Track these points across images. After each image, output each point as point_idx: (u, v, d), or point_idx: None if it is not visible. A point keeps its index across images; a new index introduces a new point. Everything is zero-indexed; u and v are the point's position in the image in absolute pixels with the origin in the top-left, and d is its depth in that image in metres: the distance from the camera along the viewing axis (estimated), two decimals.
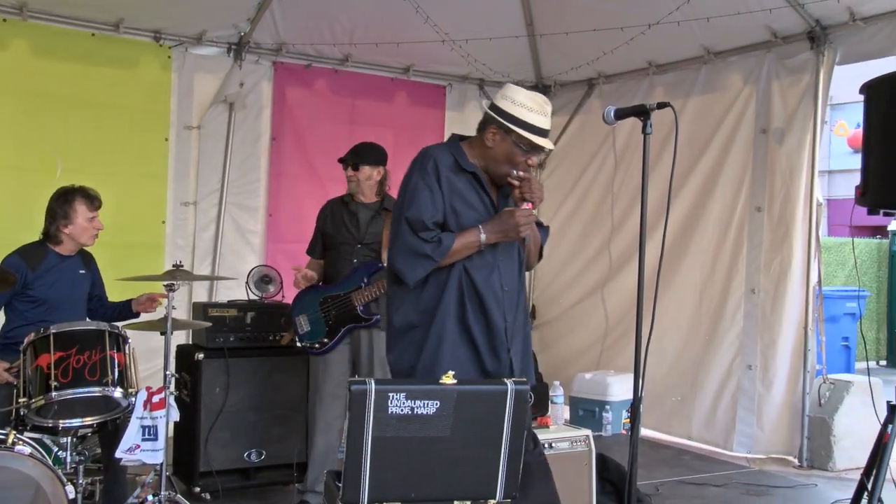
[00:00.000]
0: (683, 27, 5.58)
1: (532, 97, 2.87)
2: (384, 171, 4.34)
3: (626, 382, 6.13)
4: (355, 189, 4.32)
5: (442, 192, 2.85)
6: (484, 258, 2.88)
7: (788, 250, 5.49)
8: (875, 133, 3.47)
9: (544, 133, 2.86)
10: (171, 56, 5.86)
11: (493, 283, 2.88)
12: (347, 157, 4.35)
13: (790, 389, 5.52)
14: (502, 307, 2.88)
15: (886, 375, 5.94)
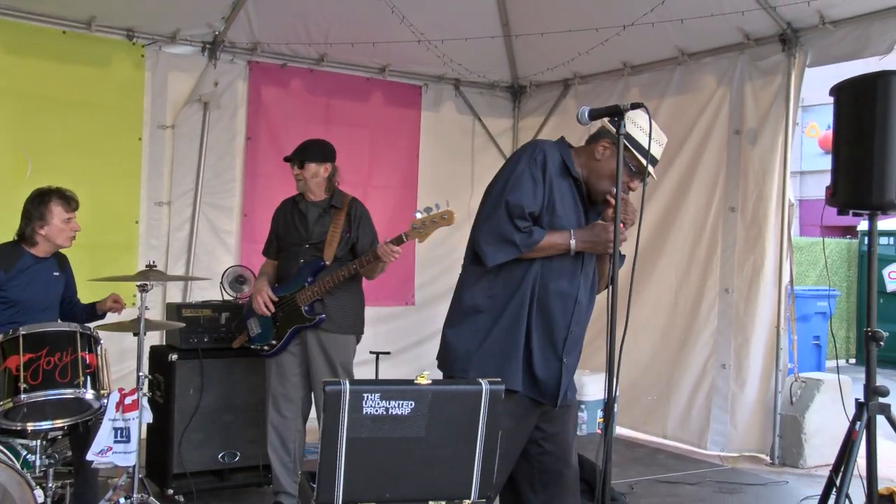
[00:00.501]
0: (658, 28, 5.62)
1: (654, 126, 2.85)
2: (332, 168, 4.29)
3: (601, 382, 6.08)
4: (303, 187, 4.29)
5: (545, 186, 2.85)
6: (563, 265, 2.88)
7: (761, 250, 5.54)
8: (844, 135, 3.52)
9: (654, 161, 2.87)
10: (144, 55, 5.81)
11: (565, 292, 2.89)
12: (293, 156, 4.31)
13: (763, 388, 5.57)
14: (568, 317, 2.91)
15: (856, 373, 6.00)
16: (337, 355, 4.16)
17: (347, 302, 4.19)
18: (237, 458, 4.56)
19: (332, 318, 4.14)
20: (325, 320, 4.12)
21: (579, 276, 2.91)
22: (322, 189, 4.28)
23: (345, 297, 4.18)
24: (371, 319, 6.62)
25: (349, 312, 4.20)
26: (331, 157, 4.30)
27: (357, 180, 6.60)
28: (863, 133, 3.40)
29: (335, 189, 4.30)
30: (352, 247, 4.18)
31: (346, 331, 4.20)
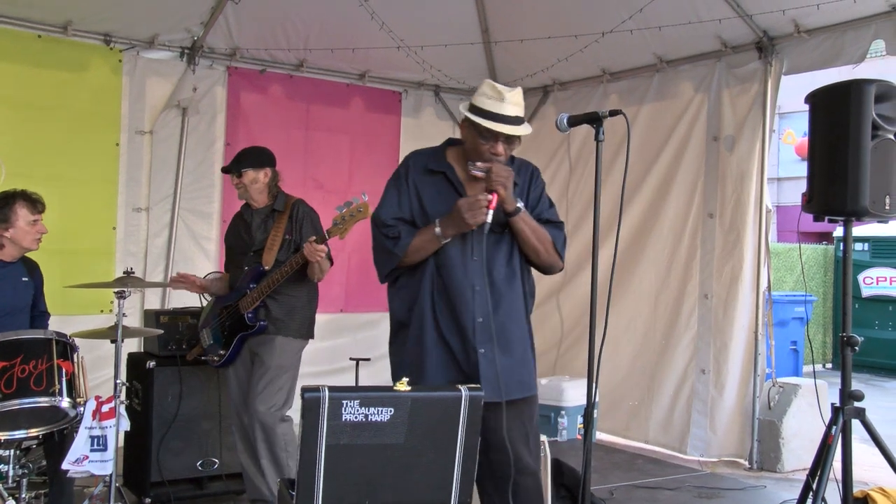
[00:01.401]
0: (636, 36, 5.66)
1: (493, 85, 2.86)
2: (272, 173, 4.26)
3: (581, 388, 6.17)
4: (245, 195, 4.28)
5: (409, 192, 2.92)
6: (451, 256, 2.87)
7: (739, 256, 5.58)
8: (819, 142, 3.57)
9: (501, 118, 2.80)
10: (121, 59, 5.77)
11: (459, 282, 2.86)
12: (230, 166, 4.31)
13: (741, 393, 5.60)
14: (471, 307, 2.85)
15: (832, 378, 6.06)
16: (273, 357, 4.07)
17: (294, 305, 4.13)
18: (216, 465, 4.53)
19: (277, 322, 4.08)
20: (265, 327, 4.07)
21: (469, 262, 2.87)
22: (264, 195, 4.25)
23: (291, 300, 4.12)
24: (350, 326, 6.68)
25: (295, 316, 4.13)
26: (268, 163, 4.27)
27: (337, 186, 6.60)
28: (837, 140, 3.45)
29: (278, 193, 4.26)
30: (296, 249, 4.08)
31: (291, 334, 4.12)
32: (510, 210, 2.83)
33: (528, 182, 2.99)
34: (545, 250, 2.92)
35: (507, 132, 2.82)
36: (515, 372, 2.89)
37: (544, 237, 2.91)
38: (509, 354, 2.88)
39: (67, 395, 3.51)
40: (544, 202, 3.01)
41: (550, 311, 6.81)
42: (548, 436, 4.33)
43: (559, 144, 6.86)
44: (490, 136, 2.83)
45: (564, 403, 6.17)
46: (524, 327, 2.97)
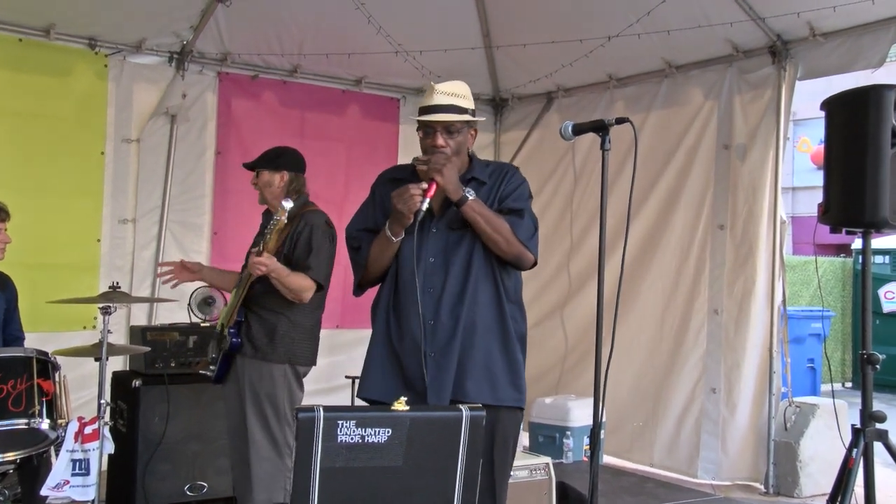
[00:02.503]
0: (644, 40, 5.68)
1: (429, 84, 2.96)
2: (290, 177, 4.13)
3: (588, 407, 6.09)
4: (261, 199, 4.19)
5: (374, 204, 3.05)
6: (409, 257, 2.86)
7: (752, 269, 5.58)
8: (836, 150, 3.57)
9: (431, 109, 2.89)
10: (107, 64, 5.78)
11: (409, 284, 2.87)
12: (251, 163, 4.22)
13: (755, 413, 5.59)
14: (425, 309, 2.84)
15: (852, 398, 6.04)
16: (262, 385, 3.91)
17: (275, 325, 3.95)
18: (205, 490, 4.52)
19: (254, 343, 3.92)
20: (238, 345, 3.93)
21: (426, 264, 2.87)
22: (279, 200, 4.01)
23: (273, 318, 3.95)
24: (347, 342, 6.66)
25: (276, 338, 3.94)
26: (287, 166, 4.15)
27: (333, 197, 6.59)
28: (855, 148, 3.45)
29: (295, 202, 4.04)
30: (288, 263, 3.95)
31: (270, 358, 3.92)
32: (455, 198, 2.82)
33: (500, 181, 2.99)
34: (504, 240, 2.85)
35: (436, 119, 2.88)
36: (472, 378, 2.84)
37: (500, 226, 2.85)
38: (468, 359, 2.84)
39: (47, 416, 3.50)
40: (516, 195, 2.98)
41: (554, 326, 6.81)
42: (552, 457, 4.32)
43: (563, 153, 6.87)
44: (426, 130, 2.91)
45: (570, 424, 6.16)
46: (492, 331, 2.89)
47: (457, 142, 2.93)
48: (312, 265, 3.93)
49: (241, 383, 3.99)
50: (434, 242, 2.89)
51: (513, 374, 2.91)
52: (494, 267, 2.90)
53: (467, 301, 2.86)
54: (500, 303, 2.91)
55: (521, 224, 2.89)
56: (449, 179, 2.80)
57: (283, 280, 3.84)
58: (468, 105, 2.94)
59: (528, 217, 2.92)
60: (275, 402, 3.93)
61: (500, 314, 2.91)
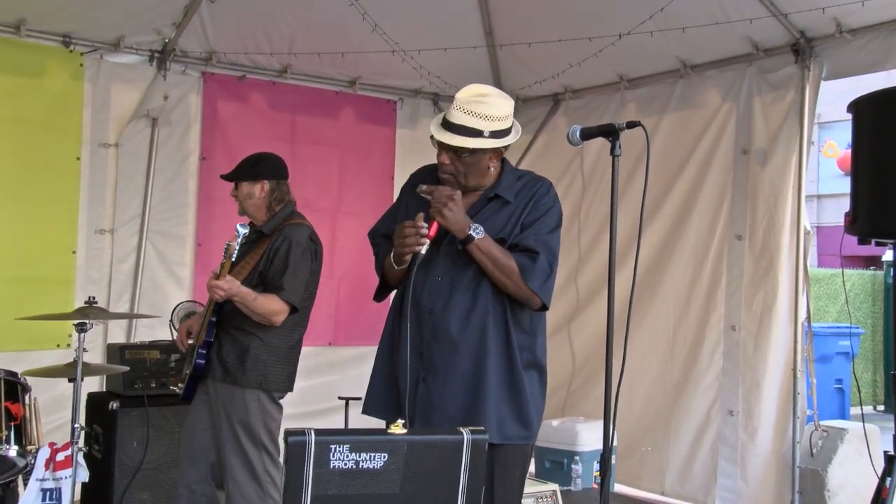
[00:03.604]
0: (657, 38, 5.71)
1: (464, 90, 2.94)
2: (271, 186, 4.14)
3: (597, 430, 6.07)
4: (242, 211, 4.21)
5: (399, 208, 3.10)
6: (419, 274, 2.89)
7: (773, 283, 5.58)
8: (864, 155, 3.58)
9: (445, 125, 2.88)
10: (83, 64, 5.79)
11: (418, 302, 2.92)
12: (229, 174, 4.23)
13: (777, 438, 5.58)
14: (421, 331, 2.90)
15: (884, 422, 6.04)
16: (235, 411, 3.92)
17: (246, 347, 3.95)
18: None
19: (224, 365, 3.94)
20: (202, 367, 3.94)
21: (433, 283, 2.92)
22: (262, 211, 4.13)
23: (245, 340, 3.95)
24: (340, 361, 6.68)
25: (246, 361, 3.94)
26: (267, 174, 4.15)
27: (326, 205, 6.62)
28: (884, 153, 3.45)
29: (279, 212, 4.14)
30: (263, 281, 3.97)
31: (240, 382, 3.93)
32: (461, 238, 2.84)
33: (527, 202, 2.97)
34: (513, 283, 2.86)
35: (439, 139, 2.88)
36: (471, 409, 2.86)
37: (509, 269, 2.85)
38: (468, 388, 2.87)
39: (16, 442, 3.51)
40: (539, 226, 2.95)
41: (561, 343, 6.82)
42: (560, 484, 4.32)
43: (571, 159, 6.89)
44: (442, 147, 2.92)
45: (579, 448, 6.15)
46: (496, 360, 2.90)
47: (467, 164, 2.92)
48: (286, 286, 3.90)
49: (213, 406, 3.99)
50: (444, 260, 2.92)
51: (518, 409, 2.91)
52: (505, 295, 2.92)
53: (471, 326, 2.88)
54: (507, 331, 2.92)
55: (533, 269, 2.87)
56: (451, 220, 2.81)
57: (249, 304, 3.83)
58: (487, 126, 2.88)
59: (543, 258, 2.89)
60: (249, 428, 3.93)
61: (506, 343, 2.92)
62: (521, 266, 2.85)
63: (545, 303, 2.91)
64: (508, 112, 2.98)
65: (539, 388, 3.02)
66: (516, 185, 3.00)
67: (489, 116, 2.89)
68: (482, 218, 2.92)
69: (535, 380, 3.00)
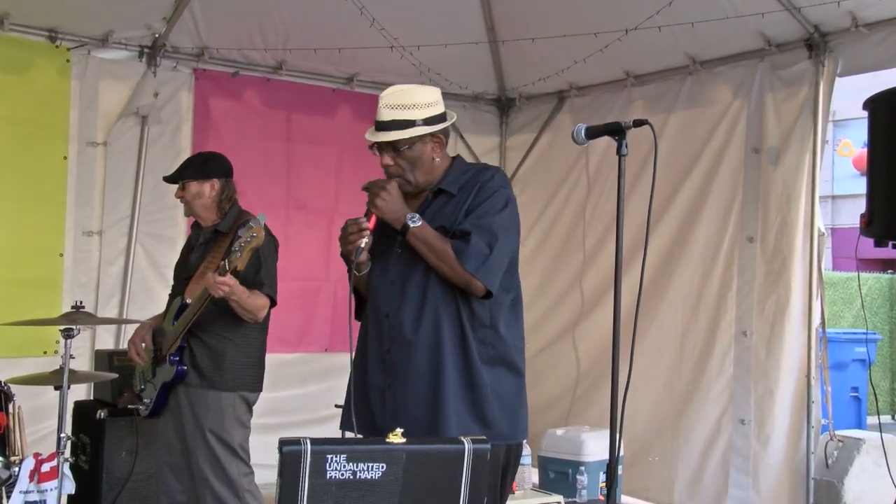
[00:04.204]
0: (665, 33, 5.71)
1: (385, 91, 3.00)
2: (221, 185, 4.18)
3: (604, 439, 6.12)
4: (189, 212, 4.25)
5: None
6: (374, 280, 2.99)
7: (786, 287, 5.58)
8: (880, 154, 3.58)
9: (380, 126, 2.96)
10: (70, 60, 5.80)
11: (375, 308, 2.99)
12: (171, 175, 4.27)
13: (791, 448, 5.57)
14: (383, 336, 2.95)
15: None
16: (207, 418, 3.96)
17: (223, 351, 4.01)
18: None
19: (199, 370, 3.98)
20: (184, 373, 3.97)
21: (387, 287, 2.97)
22: (212, 212, 4.18)
23: (220, 344, 4.01)
24: (337, 367, 6.65)
25: (224, 364, 4.00)
26: (216, 173, 4.19)
27: (323, 206, 6.63)
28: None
29: (230, 211, 4.19)
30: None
31: (218, 386, 3.98)
32: (398, 228, 2.90)
33: (471, 192, 2.98)
34: (449, 268, 2.86)
35: (373, 139, 2.98)
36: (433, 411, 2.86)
37: (444, 253, 2.86)
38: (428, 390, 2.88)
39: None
40: (479, 210, 2.94)
41: (565, 349, 6.82)
42: (565, 496, 4.32)
43: (576, 159, 6.90)
44: (375, 151, 3.01)
45: (584, 458, 6.14)
46: (453, 358, 2.90)
47: (409, 159, 2.98)
48: (265, 280, 3.99)
49: (182, 413, 4.02)
50: (396, 264, 2.96)
51: (476, 406, 2.90)
52: (455, 289, 2.91)
53: (424, 325, 2.90)
54: (461, 326, 2.91)
55: (466, 250, 2.85)
56: (386, 210, 2.89)
57: (244, 301, 3.88)
58: (417, 115, 2.94)
59: (477, 239, 2.86)
60: (221, 434, 3.98)
61: (461, 338, 2.91)
62: (455, 249, 2.86)
63: (488, 286, 2.87)
64: (436, 98, 3.03)
65: (511, 385, 2.98)
66: (462, 179, 3.02)
67: (417, 104, 2.95)
68: (429, 214, 2.96)
69: (505, 377, 2.96)
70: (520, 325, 3.08)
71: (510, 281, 3.03)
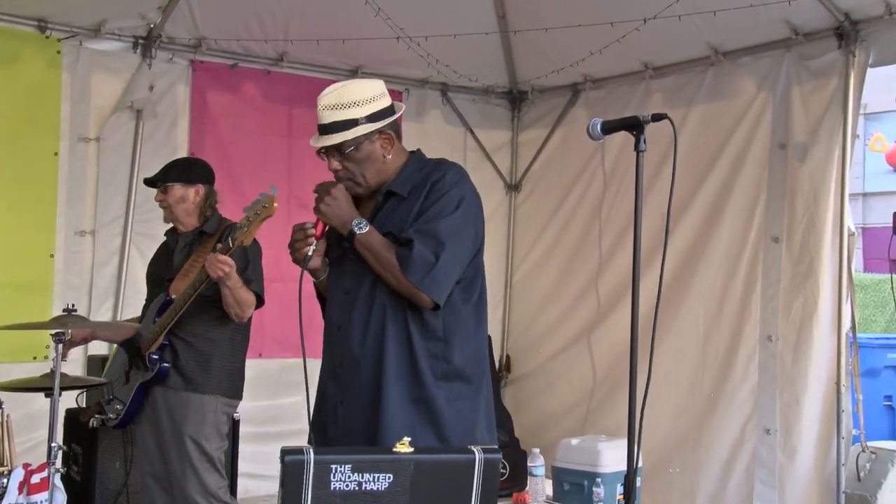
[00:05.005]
0: (686, 22, 5.70)
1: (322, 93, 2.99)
2: (205, 191, 4.28)
3: (621, 449, 6.06)
4: (169, 217, 4.32)
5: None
6: (329, 290, 2.99)
7: (813, 289, 5.57)
8: None
9: (322, 130, 2.94)
10: (60, 51, 5.82)
11: (329, 320, 3.00)
12: (154, 178, 4.34)
13: (820, 459, 5.56)
14: (333, 350, 2.95)
15: None
16: (187, 423, 4.01)
17: (209, 353, 4.07)
18: None
19: (182, 372, 4.03)
20: (167, 371, 4.01)
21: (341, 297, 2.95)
22: (193, 217, 4.27)
23: (207, 346, 4.08)
24: None
25: (211, 367, 4.06)
26: (202, 179, 4.29)
27: None
28: None
29: (212, 217, 4.29)
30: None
31: (207, 390, 4.04)
32: (345, 234, 2.87)
33: (424, 193, 2.92)
34: (394, 278, 2.80)
35: (317, 145, 2.95)
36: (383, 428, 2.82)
37: (387, 262, 2.81)
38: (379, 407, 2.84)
39: None
40: (428, 214, 2.87)
41: (580, 355, 6.83)
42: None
43: (591, 155, 6.90)
44: (322, 156, 2.98)
45: (601, 469, 6.13)
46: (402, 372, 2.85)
47: (358, 160, 2.93)
48: (252, 278, 4.05)
49: (159, 423, 4.06)
50: (350, 273, 2.93)
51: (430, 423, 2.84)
52: (404, 300, 2.85)
53: (370, 339, 2.86)
54: (409, 340, 2.85)
55: (410, 260, 2.78)
56: (331, 216, 2.86)
57: (237, 292, 3.94)
58: (359, 112, 2.90)
59: (420, 247, 2.79)
60: (200, 443, 4.02)
61: (408, 353, 2.85)
62: (399, 258, 2.80)
63: (434, 299, 2.80)
64: (380, 91, 2.98)
65: (468, 401, 2.92)
66: (415, 178, 2.96)
67: (357, 101, 2.91)
68: (380, 218, 2.91)
69: (462, 390, 2.90)
70: (481, 333, 3.02)
71: (470, 289, 2.94)
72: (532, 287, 7.42)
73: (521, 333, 7.46)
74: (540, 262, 7.30)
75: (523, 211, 7.60)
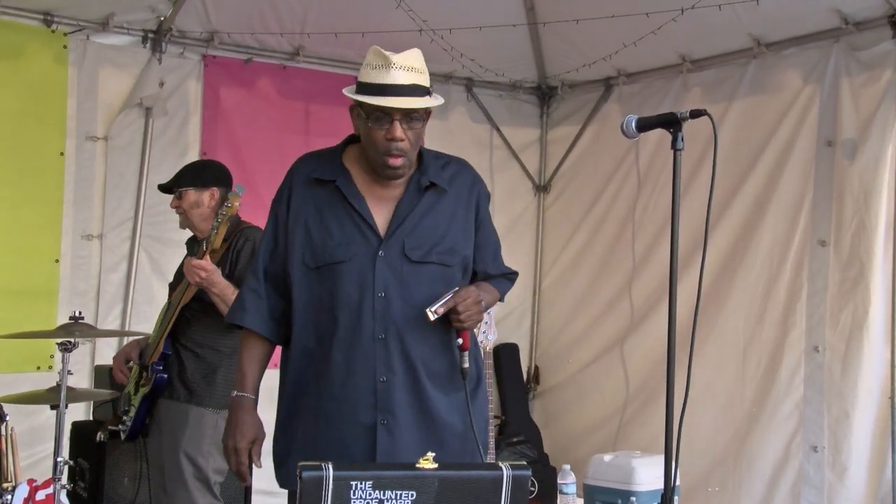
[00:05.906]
0: (726, 12, 5.67)
1: (377, 52, 2.85)
2: (220, 193, 4.28)
3: (657, 466, 6.04)
4: (185, 223, 4.33)
5: (286, 221, 2.96)
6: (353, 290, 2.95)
7: (864, 297, 5.53)
8: None
9: (389, 89, 2.76)
10: (67, 45, 5.86)
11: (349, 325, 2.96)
12: (168, 183, 4.36)
13: (873, 479, 5.50)
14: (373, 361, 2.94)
15: None
16: (183, 437, 4.00)
17: (215, 364, 4.06)
18: None
19: (187, 384, 4.03)
20: (163, 381, 4.01)
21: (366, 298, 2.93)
22: (209, 221, 4.21)
23: (212, 356, 4.06)
24: None
25: (216, 379, 4.05)
26: (216, 181, 4.31)
27: None
28: None
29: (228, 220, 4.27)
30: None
31: (210, 404, 4.03)
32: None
33: (468, 193, 2.96)
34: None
35: (399, 105, 2.75)
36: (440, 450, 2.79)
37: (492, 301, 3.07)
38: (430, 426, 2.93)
39: None
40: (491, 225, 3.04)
41: (612, 365, 6.80)
42: None
43: (625, 153, 6.88)
44: (381, 116, 2.78)
45: (636, 487, 6.09)
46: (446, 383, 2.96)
47: (419, 134, 2.86)
48: (244, 276, 4.02)
49: (161, 434, 4.08)
50: (383, 270, 2.83)
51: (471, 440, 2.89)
52: None
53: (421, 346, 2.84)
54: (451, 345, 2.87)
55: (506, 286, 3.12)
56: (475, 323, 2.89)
57: (226, 296, 3.87)
58: (428, 82, 2.86)
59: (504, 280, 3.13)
60: (196, 460, 4.01)
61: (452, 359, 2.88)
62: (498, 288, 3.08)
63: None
64: None
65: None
66: (445, 173, 2.95)
67: (427, 72, 2.88)
68: (420, 212, 2.86)
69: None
70: None
71: None
72: (562, 294, 7.40)
73: (550, 343, 7.44)
74: (570, 268, 7.27)
75: (552, 213, 7.58)
